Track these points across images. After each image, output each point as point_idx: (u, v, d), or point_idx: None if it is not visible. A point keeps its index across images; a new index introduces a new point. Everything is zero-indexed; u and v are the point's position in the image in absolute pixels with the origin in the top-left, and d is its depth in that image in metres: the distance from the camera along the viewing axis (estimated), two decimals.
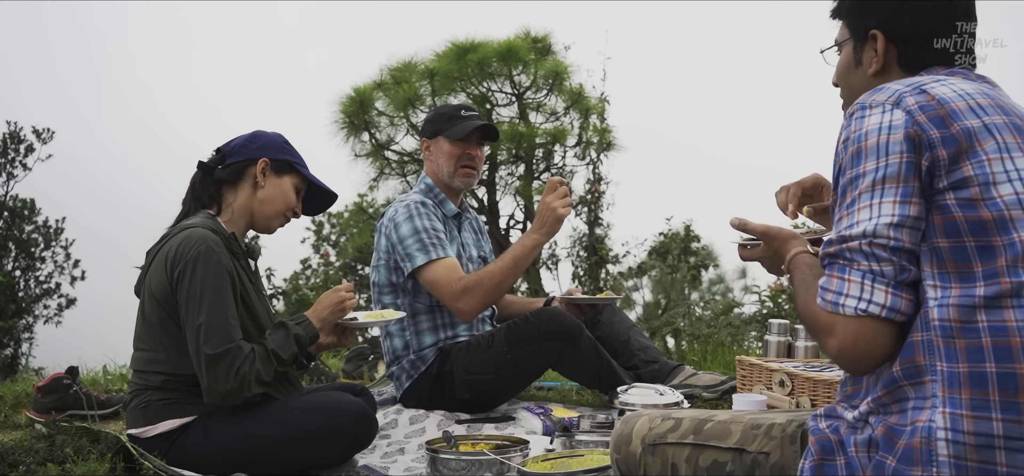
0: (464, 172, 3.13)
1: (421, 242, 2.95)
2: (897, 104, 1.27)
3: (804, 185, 1.73)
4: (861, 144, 1.26)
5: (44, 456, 2.20)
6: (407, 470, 2.40)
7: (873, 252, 1.21)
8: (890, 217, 1.21)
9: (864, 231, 1.22)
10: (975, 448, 1.14)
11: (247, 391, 2.17)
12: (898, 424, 1.20)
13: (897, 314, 1.20)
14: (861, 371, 1.26)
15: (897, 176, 1.22)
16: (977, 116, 1.25)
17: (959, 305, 1.17)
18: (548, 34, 7.19)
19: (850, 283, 1.22)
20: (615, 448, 1.56)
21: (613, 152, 7.22)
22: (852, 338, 1.21)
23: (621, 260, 8.13)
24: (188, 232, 2.23)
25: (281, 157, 2.40)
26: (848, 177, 1.27)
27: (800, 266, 1.43)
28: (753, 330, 6.18)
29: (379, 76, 7.01)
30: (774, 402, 2.69)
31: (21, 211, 13.94)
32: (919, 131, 1.23)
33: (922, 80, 1.31)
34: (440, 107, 3.27)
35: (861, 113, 1.29)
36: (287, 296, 9.81)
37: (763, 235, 1.59)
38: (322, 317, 2.39)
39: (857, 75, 1.49)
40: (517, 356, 2.86)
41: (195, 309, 2.15)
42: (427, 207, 3.06)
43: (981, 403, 1.14)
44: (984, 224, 1.19)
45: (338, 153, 6.96)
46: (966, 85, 1.30)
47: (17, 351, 12.70)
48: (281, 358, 2.25)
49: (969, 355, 1.16)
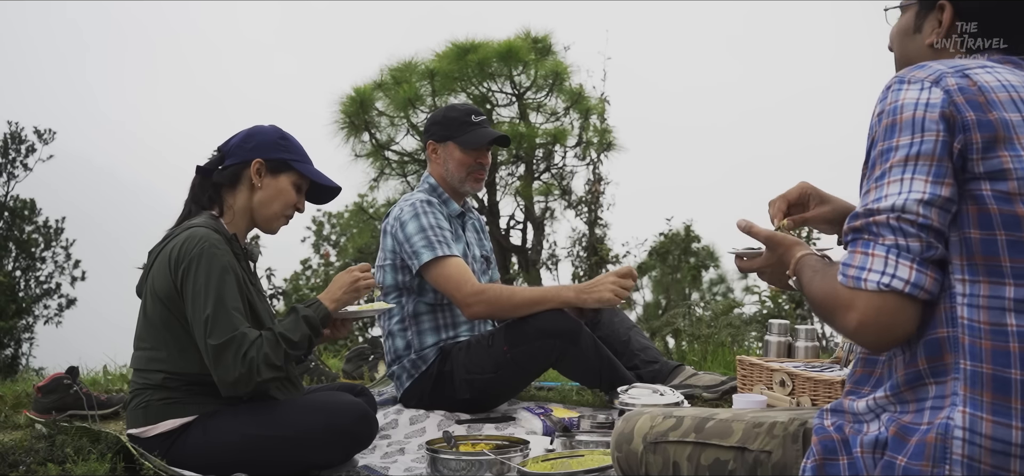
0: (474, 179, 3.14)
1: (428, 239, 2.95)
2: (936, 83, 1.23)
3: (789, 197, 1.71)
4: (896, 117, 1.23)
5: (44, 456, 2.20)
6: (407, 470, 2.39)
7: (900, 227, 1.18)
8: (921, 194, 1.18)
9: (893, 205, 1.19)
10: (991, 453, 1.12)
11: (257, 376, 2.16)
12: (912, 423, 1.18)
13: (921, 291, 1.17)
14: (880, 348, 1.23)
15: (932, 154, 1.19)
16: (1017, 109, 1.22)
17: (990, 306, 1.15)
18: (548, 34, 7.20)
19: (874, 257, 1.19)
20: (616, 446, 1.55)
21: (613, 152, 7.23)
22: (874, 313, 1.17)
23: (621, 260, 8.12)
24: (191, 231, 2.23)
25: (276, 156, 2.37)
26: (879, 149, 1.24)
27: (808, 264, 1.40)
28: (753, 330, 6.17)
29: (379, 76, 7.01)
30: (774, 402, 2.69)
31: (21, 211, 13.94)
32: (955, 112, 1.20)
33: (966, 64, 1.28)
34: (447, 110, 3.25)
35: (899, 87, 1.26)
36: (287, 296, 9.80)
37: (767, 240, 1.56)
38: (335, 298, 2.36)
39: (914, 42, 1.45)
40: (517, 354, 2.86)
41: (201, 304, 2.15)
42: (433, 206, 3.06)
43: (1002, 409, 1.13)
44: (1019, 220, 1.16)
45: (338, 153, 6.97)
46: (1013, 76, 1.27)
47: (17, 351, 12.70)
48: (291, 341, 2.23)
49: (994, 358, 1.14)
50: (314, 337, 2.31)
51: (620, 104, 7.87)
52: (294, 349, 2.25)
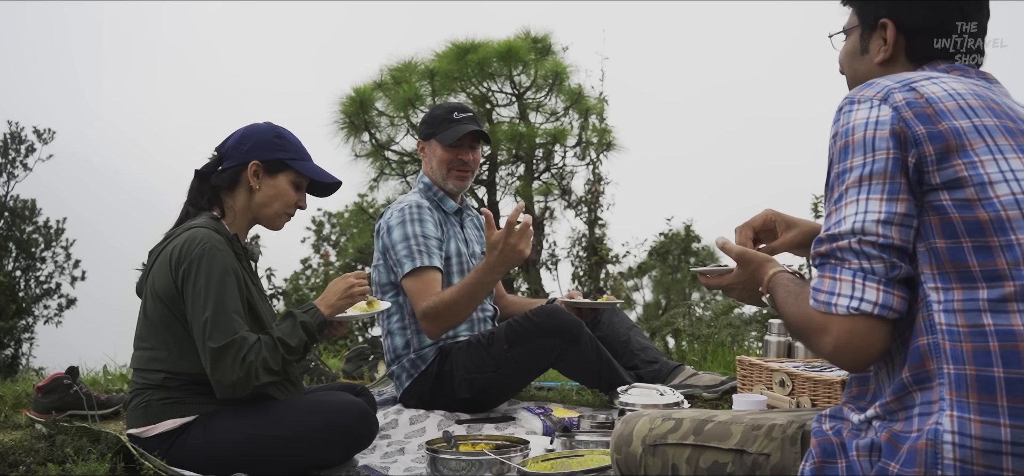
0: (456, 176, 3.13)
1: (409, 249, 2.94)
2: (884, 100, 1.26)
3: (754, 225, 1.73)
4: (848, 138, 1.26)
5: (44, 456, 2.21)
6: (407, 470, 2.40)
7: (863, 250, 1.20)
8: (877, 214, 1.20)
9: (853, 227, 1.21)
10: (982, 453, 1.13)
11: (256, 380, 2.16)
12: (903, 430, 1.19)
13: (889, 311, 1.20)
14: (857, 368, 1.26)
15: (884, 173, 1.21)
16: (966, 117, 1.24)
17: (965, 309, 1.16)
18: (548, 34, 7.20)
19: (841, 282, 1.21)
20: (615, 448, 1.55)
21: (613, 152, 7.24)
22: (847, 336, 1.20)
23: (621, 260, 8.13)
24: (192, 232, 2.24)
25: (273, 156, 2.37)
26: (836, 172, 1.27)
27: (782, 282, 1.42)
28: (753, 330, 6.18)
29: (379, 76, 7.01)
30: (774, 402, 2.69)
31: (21, 211, 13.96)
32: (904, 127, 1.22)
33: (912, 77, 1.30)
34: (435, 108, 3.26)
35: (849, 108, 1.28)
36: (287, 296, 9.82)
37: (739, 257, 1.56)
38: (331, 304, 2.38)
39: (862, 63, 1.47)
40: (517, 353, 2.86)
41: (201, 306, 2.15)
42: (422, 210, 3.04)
43: (989, 408, 1.13)
44: (981, 225, 1.18)
45: (338, 153, 6.97)
46: (958, 84, 1.29)
47: (17, 351, 12.72)
48: (289, 346, 2.24)
49: (976, 358, 1.15)
50: (311, 343, 2.33)
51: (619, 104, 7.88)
52: (291, 354, 2.26)
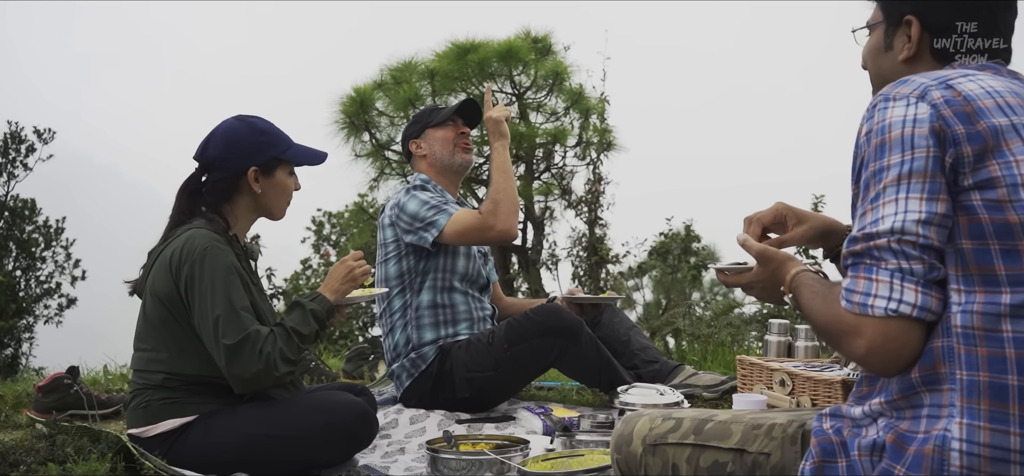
0: (462, 147, 3.21)
1: (434, 207, 3.01)
2: (922, 97, 1.22)
3: (763, 220, 1.68)
4: (885, 136, 1.22)
5: (45, 456, 2.21)
6: (407, 470, 2.40)
7: (902, 250, 1.16)
8: (918, 213, 1.17)
9: (892, 227, 1.17)
10: (990, 461, 1.11)
11: (275, 370, 2.17)
12: (909, 431, 1.17)
13: (928, 313, 1.16)
14: (889, 373, 1.21)
15: (924, 171, 1.18)
16: (1005, 114, 1.21)
17: (984, 312, 1.14)
18: (548, 34, 7.20)
19: (878, 283, 1.17)
20: (616, 448, 1.55)
21: (613, 152, 7.23)
22: (882, 339, 1.16)
23: (621, 260, 8.13)
24: (191, 233, 2.24)
25: (267, 157, 2.38)
26: (871, 170, 1.22)
27: (806, 282, 1.38)
28: (753, 330, 6.19)
29: (379, 76, 7.01)
30: (774, 402, 2.69)
31: (22, 211, 13.95)
32: (944, 126, 1.19)
33: (949, 74, 1.27)
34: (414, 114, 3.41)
35: (884, 105, 1.25)
36: (287, 296, 9.81)
37: (759, 255, 1.52)
38: (335, 289, 2.40)
39: (886, 60, 1.44)
40: (517, 352, 2.86)
41: (209, 305, 2.15)
42: (427, 185, 3.14)
43: (1000, 416, 1.12)
44: (1010, 227, 1.15)
45: (338, 153, 6.98)
46: (995, 82, 1.26)
47: (17, 351, 12.71)
48: (302, 334, 2.26)
49: (991, 365, 1.13)
50: (321, 330, 2.35)
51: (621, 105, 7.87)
52: (305, 343, 2.28)
